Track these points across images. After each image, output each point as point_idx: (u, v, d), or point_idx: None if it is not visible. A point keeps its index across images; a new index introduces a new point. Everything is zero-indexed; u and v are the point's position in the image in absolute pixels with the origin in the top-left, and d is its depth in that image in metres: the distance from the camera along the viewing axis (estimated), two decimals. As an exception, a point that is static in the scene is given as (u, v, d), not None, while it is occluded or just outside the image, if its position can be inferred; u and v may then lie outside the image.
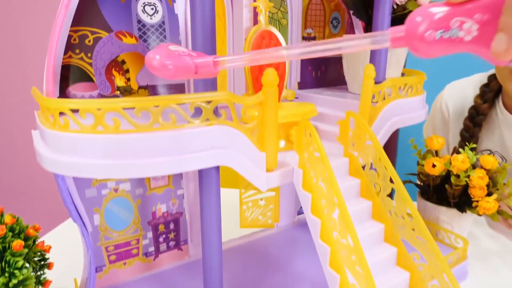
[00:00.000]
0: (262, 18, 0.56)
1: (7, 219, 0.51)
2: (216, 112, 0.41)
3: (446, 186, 0.68)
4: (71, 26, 0.47)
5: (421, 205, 0.74)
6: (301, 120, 0.46)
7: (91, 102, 0.36)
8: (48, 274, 0.52)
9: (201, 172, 0.43)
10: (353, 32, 0.75)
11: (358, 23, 0.74)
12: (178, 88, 0.54)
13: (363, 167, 0.50)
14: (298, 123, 0.54)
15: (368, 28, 0.64)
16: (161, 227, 0.61)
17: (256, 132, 0.44)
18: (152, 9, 0.51)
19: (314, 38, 0.70)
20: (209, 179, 0.43)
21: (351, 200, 0.50)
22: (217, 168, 0.43)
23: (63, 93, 0.49)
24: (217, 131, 0.41)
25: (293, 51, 0.33)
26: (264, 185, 0.45)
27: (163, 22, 0.52)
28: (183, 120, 0.39)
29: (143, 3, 0.50)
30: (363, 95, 0.52)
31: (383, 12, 0.55)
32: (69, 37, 0.47)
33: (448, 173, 0.68)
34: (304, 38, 0.68)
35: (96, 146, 0.37)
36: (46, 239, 0.80)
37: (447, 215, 0.70)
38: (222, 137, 0.41)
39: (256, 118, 0.44)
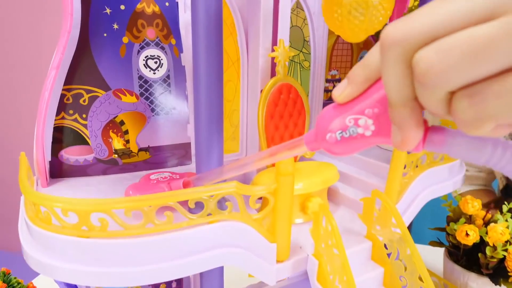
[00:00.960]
0: (280, 69, 0.49)
1: None
2: (220, 203, 0.35)
3: (480, 255, 0.61)
4: (64, 84, 0.42)
5: (448, 267, 0.67)
6: (320, 206, 0.40)
7: (78, 204, 0.31)
8: None
9: (202, 273, 0.38)
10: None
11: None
12: (183, 148, 0.49)
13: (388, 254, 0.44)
14: (316, 194, 0.48)
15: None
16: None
17: (266, 222, 0.38)
18: (156, 62, 0.45)
19: (339, 80, 0.62)
20: (212, 281, 0.38)
21: (373, 290, 0.43)
22: (221, 267, 0.38)
23: (55, 156, 0.44)
24: (220, 228, 0.35)
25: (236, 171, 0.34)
26: (272, 279, 0.39)
27: (168, 76, 0.46)
28: (180, 216, 0.34)
29: (146, 57, 0.44)
30: (392, 168, 0.45)
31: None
32: (62, 96, 0.42)
33: (482, 239, 0.61)
34: (327, 81, 0.61)
35: (79, 250, 0.32)
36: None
37: (477, 283, 0.63)
38: (227, 234, 0.36)
39: (267, 207, 0.38)
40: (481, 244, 0.61)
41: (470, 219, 0.64)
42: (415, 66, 0.16)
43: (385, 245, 0.44)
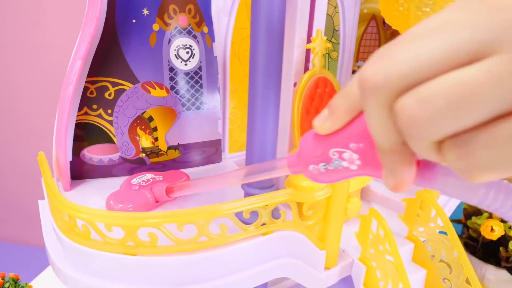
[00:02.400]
0: (317, 61, 0.46)
1: None
2: (273, 212, 0.33)
3: (501, 249, 0.61)
4: (88, 76, 0.37)
5: (466, 260, 0.67)
6: (370, 211, 0.38)
7: (125, 218, 0.28)
8: None
9: None
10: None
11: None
12: (213, 145, 0.45)
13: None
14: (353, 194, 0.46)
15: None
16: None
17: (316, 229, 0.36)
18: (188, 52, 0.41)
19: (364, 72, 0.60)
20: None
21: (415, 294, 0.42)
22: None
23: (76, 155, 0.40)
24: (274, 238, 0.33)
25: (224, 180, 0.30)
26: (319, 286, 0.37)
27: (200, 68, 0.42)
28: (234, 227, 0.31)
29: (177, 47, 0.40)
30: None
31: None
32: (85, 89, 0.38)
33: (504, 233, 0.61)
34: (354, 73, 0.58)
35: (124, 268, 0.29)
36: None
37: (495, 275, 0.64)
38: (281, 244, 0.33)
39: (319, 213, 0.35)
40: (501, 237, 0.62)
41: (491, 214, 0.64)
42: (397, 115, 0.15)
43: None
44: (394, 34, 0.60)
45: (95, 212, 0.28)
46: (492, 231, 0.58)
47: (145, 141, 0.41)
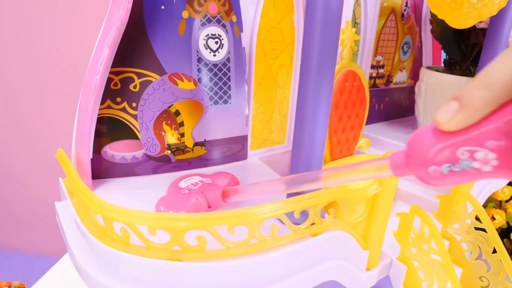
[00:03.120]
0: (346, 54, 0.44)
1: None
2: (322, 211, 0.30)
3: (505, 240, 0.61)
4: (112, 66, 0.34)
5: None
6: (412, 208, 0.36)
7: (172, 220, 0.25)
8: None
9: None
10: (421, 60, 0.64)
11: (427, 48, 0.63)
12: (240, 141, 0.43)
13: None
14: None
15: (461, 65, 0.53)
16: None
17: (360, 227, 0.34)
18: (217, 42, 0.38)
19: (382, 67, 0.59)
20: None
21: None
22: None
23: (97, 152, 0.36)
24: (323, 239, 0.31)
25: (294, 186, 0.28)
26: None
27: (228, 59, 0.39)
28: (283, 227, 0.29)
29: (206, 36, 0.37)
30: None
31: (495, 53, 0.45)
32: (109, 80, 0.35)
33: (509, 225, 0.61)
34: (372, 67, 0.57)
35: (169, 276, 0.26)
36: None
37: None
38: (329, 245, 0.31)
39: (364, 211, 0.33)
40: (509, 230, 0.62)
41: (500, 205, 0.64)
42: None
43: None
44: (410, 28, 0.59)
45: (137, 214, 0.25)
46: (493, 219, 0.58)
47: (171, 137, 0.38)
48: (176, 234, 0.25)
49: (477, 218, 0.41)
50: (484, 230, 0.40)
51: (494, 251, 0.40)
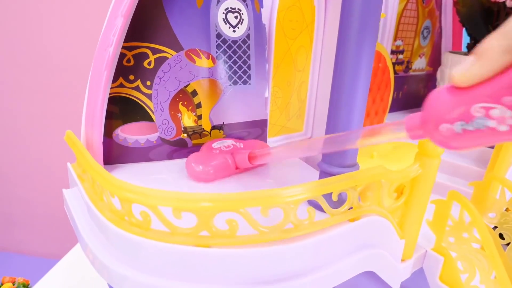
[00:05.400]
0: (370, 33, 0.41)
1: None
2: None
3: None
4: (124, 41, 0.31)
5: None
6: (450, 194, 0.34)
7: (199, 200, 0.22)
8: None
9: None
10: (440, 47, 0.61)
11: (447, 33, 0.60)
12: (259, 125, 0.40)
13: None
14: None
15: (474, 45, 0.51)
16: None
17: (397, 214, 0.31)
18: (236, 17, 0.35)
19: (402, 52, 0.56)
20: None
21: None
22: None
23: (108, 136, 0.33)
24: (362, 225, 0.28)
25: (316, 146, 0.27)
26: (398, 280, 0.33)
27: (248, 36, 0.37)
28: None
29: (226, 9, 0.35)
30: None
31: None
32: (121, 56, 0.32)
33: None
34: (392, 52, 0.55)
35: (197, 264, 0.23)
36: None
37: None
38: (367, 232, 0.28)
39: (402, 196, 0.31)
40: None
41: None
42: None
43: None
44: (431, 12, 0.57)
45: (159, 194, 0.22)
46: None
47: (188, 120, 0.35)
48: (204, 217, 0.23)
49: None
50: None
51: (535, 241, 0.37)
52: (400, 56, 0.56)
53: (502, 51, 0.15)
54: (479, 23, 0.48)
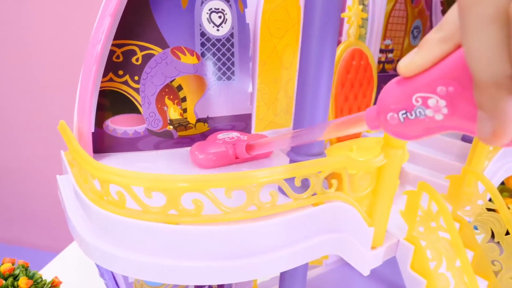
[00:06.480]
0: (353, 31, 0.43)
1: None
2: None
3: None
4: (114, 38, 0.34)
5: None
6: (420, 185, 0.35)
7: (168, 181, 0.24)
8: None
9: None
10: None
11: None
12: (243, 119, 0.42)
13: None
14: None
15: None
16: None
17: (365, 203, 0.33)
18: (220, 17, 0.38)
19: (392, 51, 0.57)
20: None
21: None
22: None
23: (99, 126, 0.36)
24: (325, 210, 0.30)
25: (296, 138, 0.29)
26: (367, 268, 0.34)
27: (232, 35, 0.39)
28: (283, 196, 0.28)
29: (209, 10, 0.37)
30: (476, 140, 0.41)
31: None
32: (111, 53, 0.35)
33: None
34: (381, 51, 0.56)
35: (165, 240, 0.26)
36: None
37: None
38: (331, 217, 0.30)
39: (369, 185, 0.32)
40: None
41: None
42: None
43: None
44: (421, 12, 0.58)
45: (131, 174, 0.25)
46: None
47: (173, 112, 0.38)
48: (172, 196, 0.25)
49: (490, 200, 0.40)
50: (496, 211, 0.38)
51: (507, 233, 0.38)
52: (390, 55, 0.57)
53: (438, 41, 0.16)
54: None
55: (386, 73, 0.58)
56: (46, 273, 0.69)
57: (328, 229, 0.31)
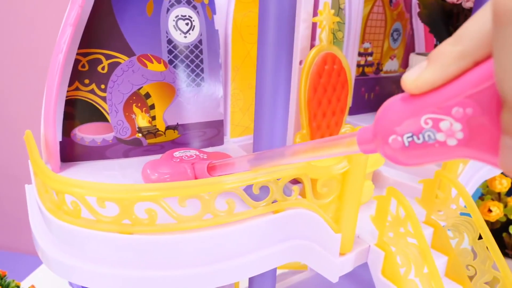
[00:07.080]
0: (325, 36, 0.43)
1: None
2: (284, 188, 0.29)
3: (504, 235, 0.58)
4: (79, 48, 0.34)
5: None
6: (389, 190, 0.35)
7: (120, 191, 0.24)
8: None
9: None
10: (414, 48, 0.62)
11: (419, 36, 0.61)
12: (215, 126, 0.42)
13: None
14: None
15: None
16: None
17: (331, 209, 0.33)
18: (187, 24, 0.38)
19: (371, 54, 0.57)
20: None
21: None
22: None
23: (67, 135, 0.36)
24: (286, 218, 0.29)
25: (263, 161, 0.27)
26: (336, 274, 0.34)
27: (200, 42, 0.39)
28: (241, 203, 0.28)
29: (176, 17, 0.37)
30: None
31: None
32: (76, 62, 0.35)
33: (509, 219, 0.59)
34: (360, 54, 0.56)
35: (119, 249, 0.26)
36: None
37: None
38: (293, 224, 0.30)
39: (334, 191, 0.32)
40: (508, 223, 0.59)
41: (499, 198, 0.61)
42: None
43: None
44: (400, 14, 0.58)
45: (84, 184, 0.25)
46: (489, 212, 0.55)
47: (142, 120, 0.38)
48: (124, 206, 0.25)
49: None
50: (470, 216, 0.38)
51: (480, 238, 0.37)
52: (370, 58, 0.57)
53: (455, 57, 0.14)
54: (440, 24, 0.49)
55: (366, 76, 0.58)
56: (32, 280, 0.69)
57: (292, 236, 0.31)
